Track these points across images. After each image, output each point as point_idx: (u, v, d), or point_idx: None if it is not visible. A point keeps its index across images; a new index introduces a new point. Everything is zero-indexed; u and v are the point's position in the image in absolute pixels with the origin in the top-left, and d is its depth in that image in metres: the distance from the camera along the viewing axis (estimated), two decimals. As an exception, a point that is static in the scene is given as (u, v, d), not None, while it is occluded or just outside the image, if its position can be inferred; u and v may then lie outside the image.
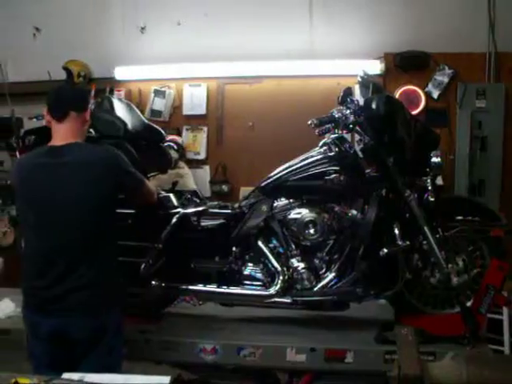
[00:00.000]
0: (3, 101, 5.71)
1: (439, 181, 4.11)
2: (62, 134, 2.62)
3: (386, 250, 2.88)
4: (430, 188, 2.96)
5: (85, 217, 2.52)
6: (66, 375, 1.94)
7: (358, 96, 3.30)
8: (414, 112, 5.14)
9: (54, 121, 2.65)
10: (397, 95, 5.29)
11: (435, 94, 5.44)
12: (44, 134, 3.35)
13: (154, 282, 3.15)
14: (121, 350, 2.63)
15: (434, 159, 2.97)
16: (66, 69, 5.94)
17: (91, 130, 3.24)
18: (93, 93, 5.66)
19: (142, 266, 3.14)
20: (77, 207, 2.51)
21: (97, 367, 2.30)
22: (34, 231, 2.57)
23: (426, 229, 2.90)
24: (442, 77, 5.40)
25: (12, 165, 3.93)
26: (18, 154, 3.32)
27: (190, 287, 3.17)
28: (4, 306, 3.11)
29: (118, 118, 3.27)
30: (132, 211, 3.20)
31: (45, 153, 2.62)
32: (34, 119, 3.49)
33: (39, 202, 2.54)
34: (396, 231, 2.89)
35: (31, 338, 2.56)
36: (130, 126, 3.28)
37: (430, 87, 5.45)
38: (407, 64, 5.43)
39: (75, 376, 1.93)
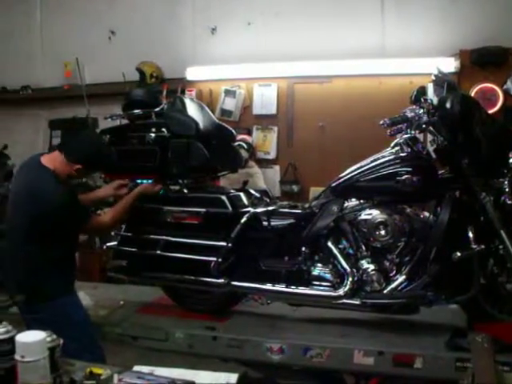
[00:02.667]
0: (80, 102, 5.94)
1: (517, 183, 3.95)
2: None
3: (459, 254, 2.79)
4: (507, 190, 2.84)
5: None
6: (136, 368, 1.99)
7: (432, 95, 3.21)
8: (491, 111, 4.95)
9: None
10: (472, 93, 5.11)
11: (514, 92, 5.22)
12: (118, 133, 3.48)
13: (223, 280, 3.18)
14: None
15: (512, 160, 2.85)
16: (139, 70, 6.12)
17: (163, 129, 3.33)
18: (165, 93, 5.80)
19: (212, 265, 3.19)
20: None
21: None
22: None
23: (502, 232, 2.79)
24: (522, 73, 5.18)
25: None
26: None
27: (259, 286, 3.18)
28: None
29: (190, 118, 3.34)
30: (202, 209, 3.26)
31: None
32: (109, 119, 3.59)
33: None
34: (470, 234, 2.79)
35: None
36: (201, 125, 3.34)
37: (508, 84, 5.23)
38: (484, 61, 5.24)
39: (145, 369, 1.98)
